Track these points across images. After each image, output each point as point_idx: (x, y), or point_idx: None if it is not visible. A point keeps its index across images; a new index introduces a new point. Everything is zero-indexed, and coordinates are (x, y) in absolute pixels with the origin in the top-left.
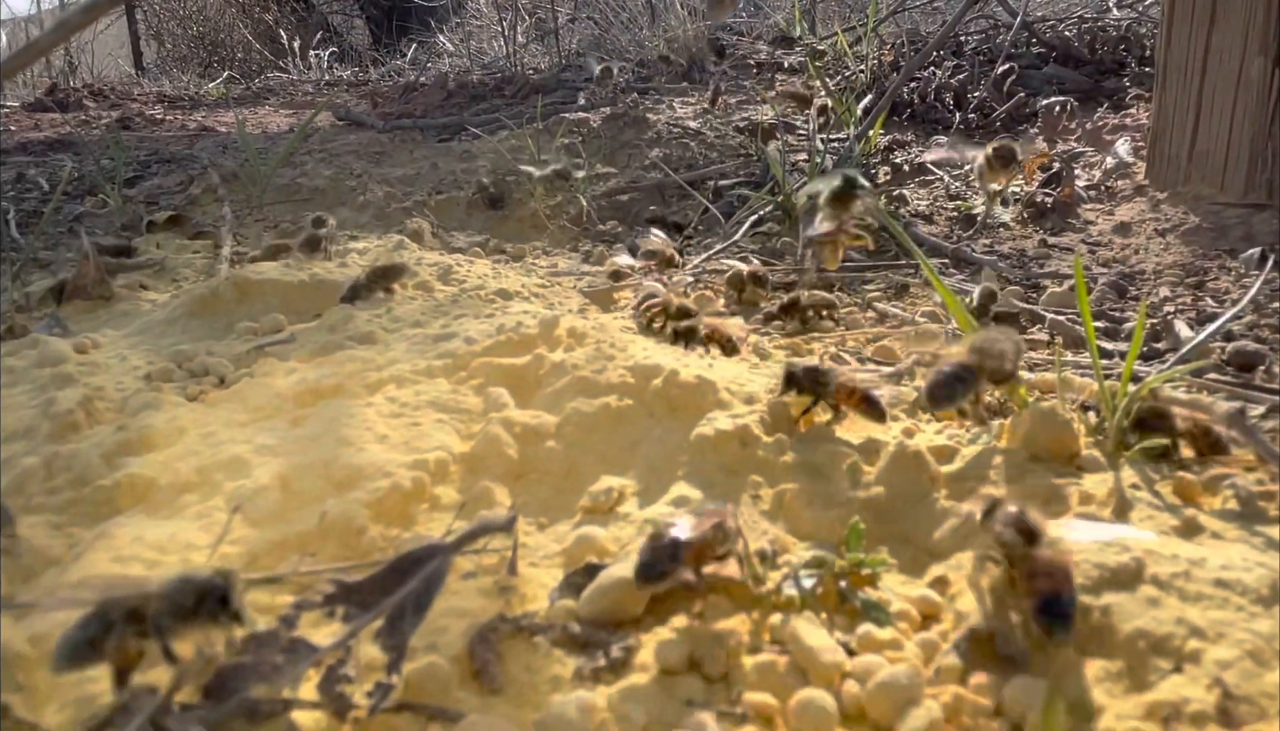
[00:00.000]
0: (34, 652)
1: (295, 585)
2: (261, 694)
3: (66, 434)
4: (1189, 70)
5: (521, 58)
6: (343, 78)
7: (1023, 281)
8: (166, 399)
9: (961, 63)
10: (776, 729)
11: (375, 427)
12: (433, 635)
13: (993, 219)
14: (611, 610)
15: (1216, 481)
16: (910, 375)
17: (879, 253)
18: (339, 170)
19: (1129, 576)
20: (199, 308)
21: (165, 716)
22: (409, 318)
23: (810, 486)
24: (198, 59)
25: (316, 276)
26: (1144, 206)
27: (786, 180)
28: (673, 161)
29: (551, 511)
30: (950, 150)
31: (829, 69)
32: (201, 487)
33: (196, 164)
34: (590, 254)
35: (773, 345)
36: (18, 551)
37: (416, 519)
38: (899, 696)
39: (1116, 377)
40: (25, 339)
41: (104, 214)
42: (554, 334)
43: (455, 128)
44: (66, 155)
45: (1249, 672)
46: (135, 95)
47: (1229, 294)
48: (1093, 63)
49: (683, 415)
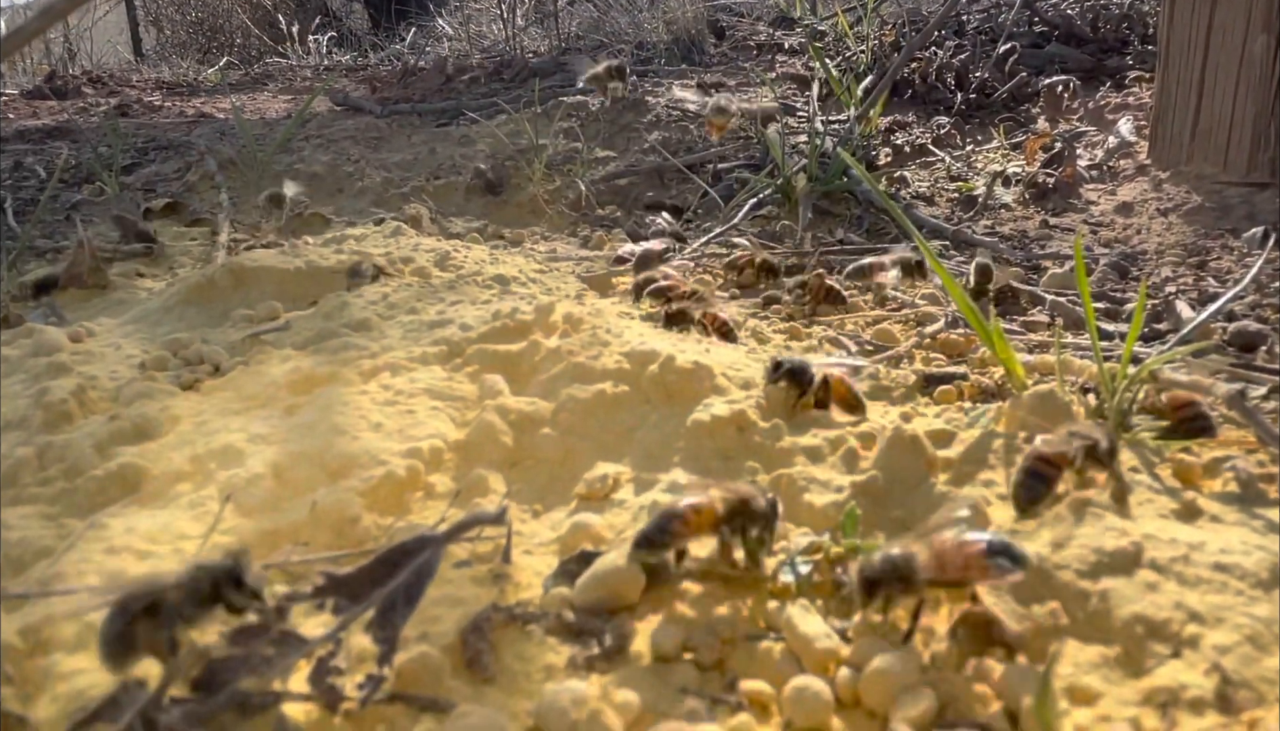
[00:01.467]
0: (24, 644)
1: (288, 575)
2: (252, 686)
3: (59, 424)
4: (1191, 48)
5: (520, 41)
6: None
7: (1023, 262)
8: (160, 388)
9: (963, 42)
10: (771, 716)
11: (370, 415)
12: (425, 625)
13: (994, 200)
14: (606, 598)
15: (1217, 464)
16: (909, 359)
17: (879, 234)
18: (337, 156)
19: (1127, 560)
20: (195, 295)
21: (156, 710)
22: (404, 304)
23: (806, 471)
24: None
25: (312, 263)
26: (1146, 186)
27: (786, 163)
28: (672, 145)
29: (546, 498)
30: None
31: (829, 50)
32: (195, 477)
33: (194, 151)
34: (589, 239)
35: (771, 329)
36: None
37: (411, 507)
38: (895, 683)
39: (1117, 359)
40: (20, 328)
41: (101, 201)
42: (549, 320)
43: (453, 112)
44: (64, 143)
45: (1248, 657)
46: (133, 82)
47: (1231, 274)
48: (1095, 41)
49: (679, 401)
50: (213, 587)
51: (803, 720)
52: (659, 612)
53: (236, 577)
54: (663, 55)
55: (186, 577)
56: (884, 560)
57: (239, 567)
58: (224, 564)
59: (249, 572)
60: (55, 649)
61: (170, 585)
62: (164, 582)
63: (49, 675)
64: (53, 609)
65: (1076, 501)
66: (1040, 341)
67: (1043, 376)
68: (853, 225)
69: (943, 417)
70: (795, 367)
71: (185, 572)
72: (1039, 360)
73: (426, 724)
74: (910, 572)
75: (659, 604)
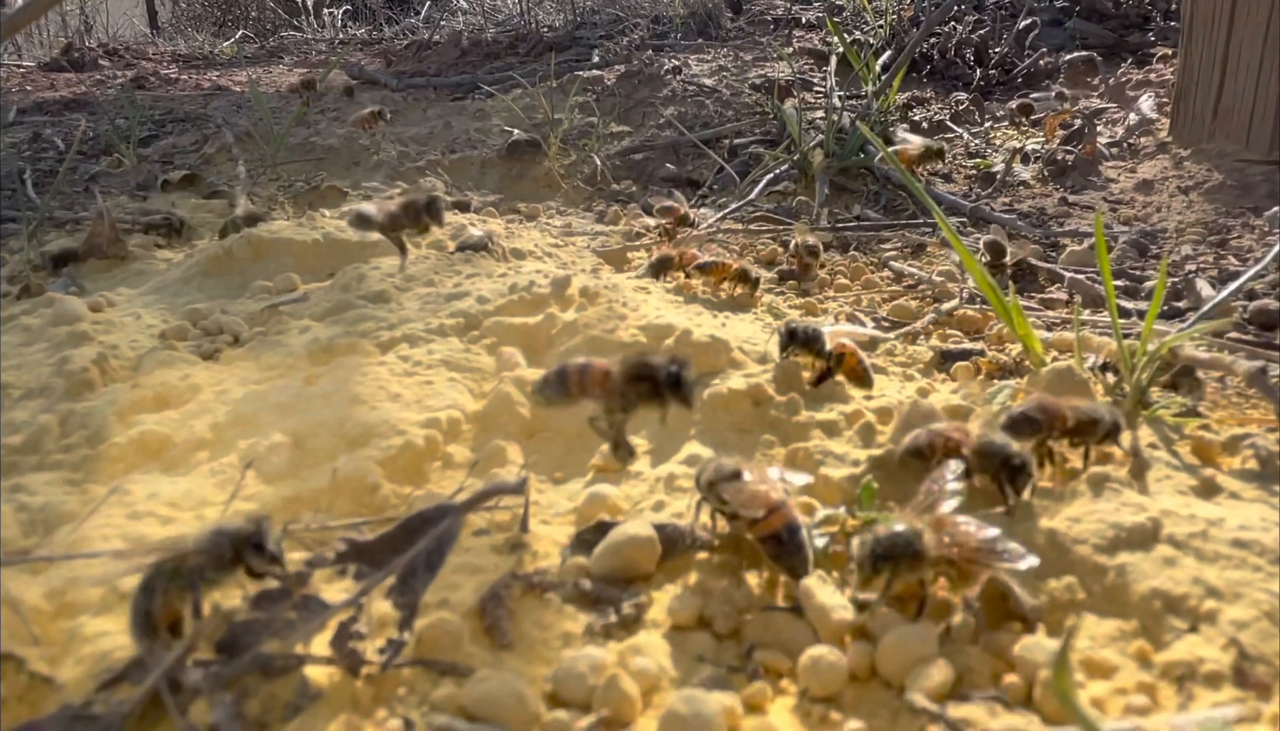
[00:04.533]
0: (50, 607)
1: (308, 541)
2: (274, 650)
3: (81, 391)
4: (1215, 24)
5: (536, 15)
6: (356, 36)
7: (1042, 240)
8: (181, 357)
9: (983, 17)
10: (787, 686)
11: (388, 386)
12: (445, 592)
13: (1012, 177)
14: (623, 567)
15: (1236, 441)
16: (926, 335)
17: (896, 211)
18: (352, 129)
19: (1145, 536)
20: (213, 267)
21: (180, 671)
22: (422, 276)
23: (823, 445)
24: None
25: (330, 235)
26: (1167, 163)
27: (803, 138)
28: (688, 120)
29: (563, 469)
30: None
31: (847, 25)
32: (215, 445)
33: (211, 123)
34: (604, 214)
35: (787, 305)
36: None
37: (429, 476)
38: (911, 655)
39: (1136, 337)
40: (41, 298)
41: (119, 173)
42: (566, 293)
43: (469, 86)
44: (82, 115)
45: (1266, 633)
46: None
47: (1252, 252)
48: (1117, 17)
49: (695, 374)
50: (234, 551)
51: (819, 689)
52: (675, 582)
53: (257, 542)
54: (679, 30)
55: (208, 542)
56: (892, 536)
57: (259, 533)
58: (244, 528)
59: (269, 537)
60: (80, 611)
61: (192, 549)
62: (186, 547)
63: (74, 637)
64: (77, 572)
65: (1095, 476)
66: (1059, 318)
67: (1061, 354)
68: (870, 201)
69: (959, 394)
70: (808, 336)
71: (205, 536)
72: (1057, 337)
73: (446, 688)
74: (918, 551)
75: (675, 573)
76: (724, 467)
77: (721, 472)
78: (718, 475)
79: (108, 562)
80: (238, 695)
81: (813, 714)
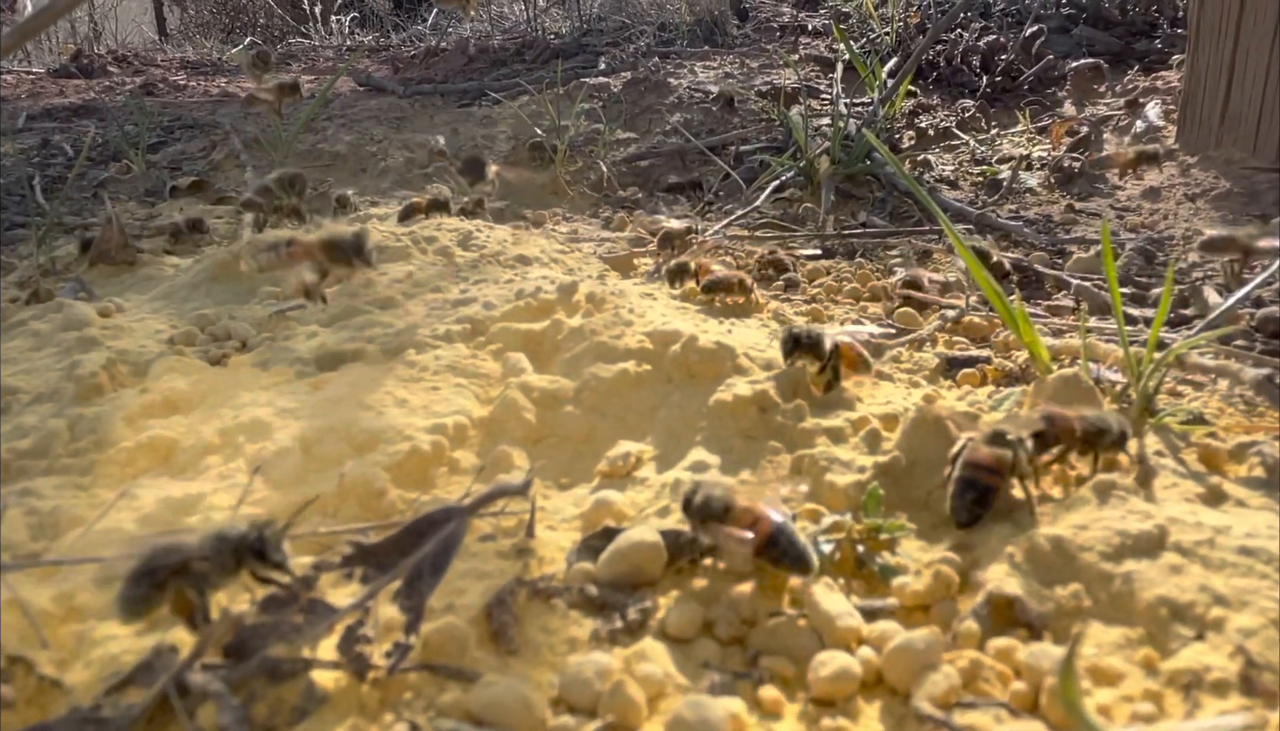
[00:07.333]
0: (58, 610)
1: (316, 545)
2: (281, 653)
3: (90, 396)
4: (1222, 31)
5: (542, 22)
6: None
7: (1048, 247)
8: (189, 362)
9: (989, 25)
10: (794, 692)
11: (395, 392)
12: (451, 596)
13: (1019, 184)
14: (629, 573)
15: (1243, 449)
16: (932, 341)
17: (902, 218)
18: (360, 136)
19: (1151, 543)
20: (221, 272)
21: (187, 675)
22: (428, 283)
23: (829, 451)
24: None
25: None
26: (1174, 171)
27: (809, 145)
28: (694, 126)
29: (569, 475)
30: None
31: (854, 32)
32: (223, 450)
33: (219, 130)
34: (610, 220)
35: (793, 311)
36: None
37: (435, 482)
38: (917, 661)
39: (1142, 344)
40: (50, 303)
41: (128, 179)
42: (573, 299)
43: (476, 93)
44: (91, 121)
45: (1272, 641)
46: (158, 61)
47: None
48: (1123, 24)
49: (701, 380)
50: (236, 557)
51: (827, 695)
52: (681, 588)
53: (258, 548)
54: (685, 37)
55: (209, 546)
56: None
57: (261, 538)
58: (246, 533)
59: (270, 543)
60: (89, 615)
61: (194, 552)
62: (187, 548)
63: (83, 641)
64: (86, 576)
65: (1101, 484)
66: (1065, 326)
67: (1067, 361)
68: (875, 208)
69: (966, 400)
70: (812, 340)
71: (207, 540)
72: (1063, 344)
73: (452, 693)
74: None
75: (681, 580)
76: (713, 500)
77: (710, 508)
78: (706, 510)
79: (116, 567)
80: (245, 698)
81: (820, 720)
